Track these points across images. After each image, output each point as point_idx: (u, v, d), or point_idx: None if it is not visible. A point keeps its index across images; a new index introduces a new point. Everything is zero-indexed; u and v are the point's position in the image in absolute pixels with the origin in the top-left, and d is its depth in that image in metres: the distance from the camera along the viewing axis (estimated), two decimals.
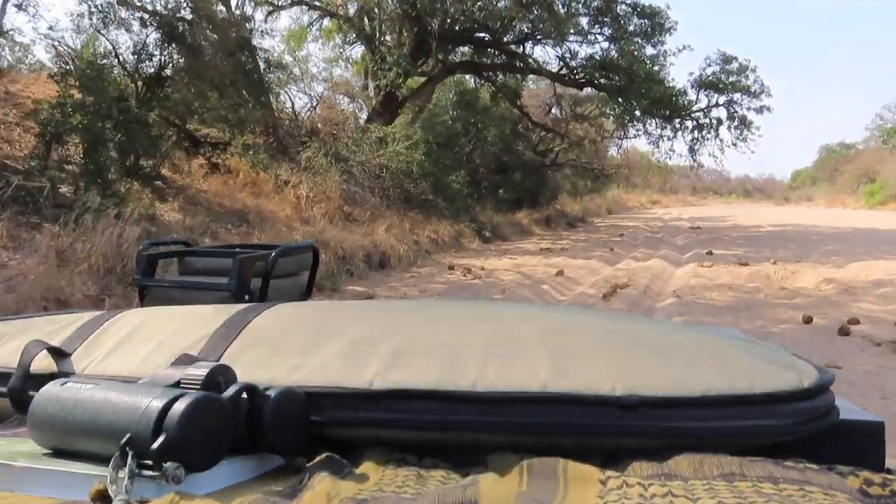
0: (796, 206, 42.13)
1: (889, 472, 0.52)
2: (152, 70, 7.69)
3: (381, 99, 14.43)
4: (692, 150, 15.31)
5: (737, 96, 14.92)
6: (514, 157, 19.07)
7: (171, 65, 7.57)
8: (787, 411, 0.54)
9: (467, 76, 19.56)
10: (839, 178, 43.35)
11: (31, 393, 0.57)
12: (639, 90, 13.90)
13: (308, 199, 9.31)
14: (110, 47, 7.29)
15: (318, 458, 0.54)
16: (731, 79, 14.77)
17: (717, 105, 15.02)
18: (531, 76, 20.41)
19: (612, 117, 18.93)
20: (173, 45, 7.26)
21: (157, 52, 7.48)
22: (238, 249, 1.21)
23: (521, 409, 0.54)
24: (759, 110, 14.81)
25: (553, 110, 21.08)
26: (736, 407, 0.54)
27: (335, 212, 9.46)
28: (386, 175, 11.03)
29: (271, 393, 0.53)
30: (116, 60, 7.38)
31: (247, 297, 1.05)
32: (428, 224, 11.62)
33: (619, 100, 14.38)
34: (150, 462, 0.46)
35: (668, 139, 15.30)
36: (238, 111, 7.92)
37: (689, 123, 15.12)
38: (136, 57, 7.54)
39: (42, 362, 0.67)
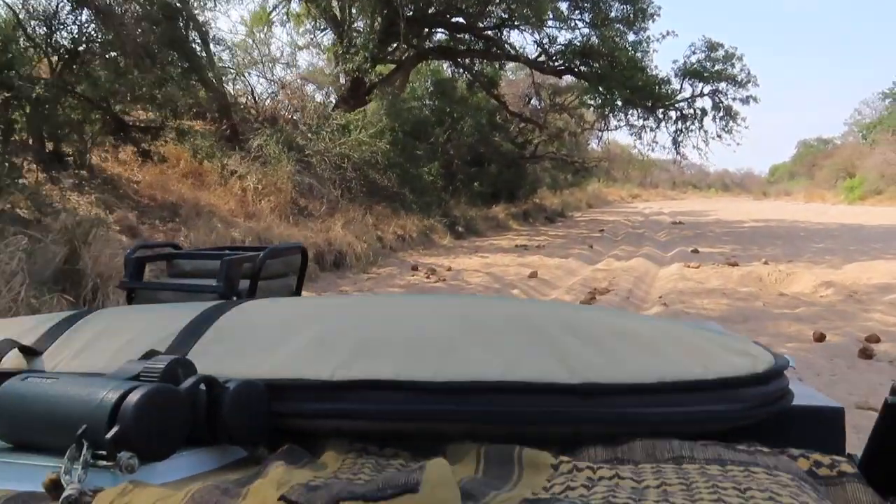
0: (775, 201, 41.95)
1: (849, 456, 0.52)
2: (68, 43, 6.63)
3: (349, 85, 13.45)
4: (676, 142, 14.49)
5: (722, 86, 14.10)
6: (490, 148, 18.16)
7: (85, 36, 6.52)
8: (740, 396, 0.55)
9: (444, 65, 18.65)
10: (818, 172, 43.10)
11: None
12: (620, 78, 13.03)
13: (256, 192, 8.32)
14: (12, 14, 6.23)
15: (280, 450, 0.54)
16: (716, 67, 13.93)
17: (701, 95, 14.20)
18: (509, 65, 19.53)
19: (592, 108, 18.09)
20: (84, 10, 6.21)
21: (70, 21, 6.42)
22: (227, 251, 1.20)
23: (481, 399, 0.54)
24: (746, 100, 14.00)
25: (532, 101, 20.20)
26: (690, 393, 0.54)
27: (286, 206, 8.48)
28: (348, 165, 10.05)
29: (230, 385, 0.53)
30: (22, 31, 6.32)
31: (235, 299, 1.01)
32: (396, 219, 10.69)
33: (600, 88, 13.50)
34: (104, 452, 0.45)
35: (651, 130, 14.46)
36: (164, 87, 6.88)
37: (673, 114, 14.29)
38: (47, 27, 6.48)
39: (14, 361, 0.68)
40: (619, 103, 13.60)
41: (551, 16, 13.67)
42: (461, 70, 17.49)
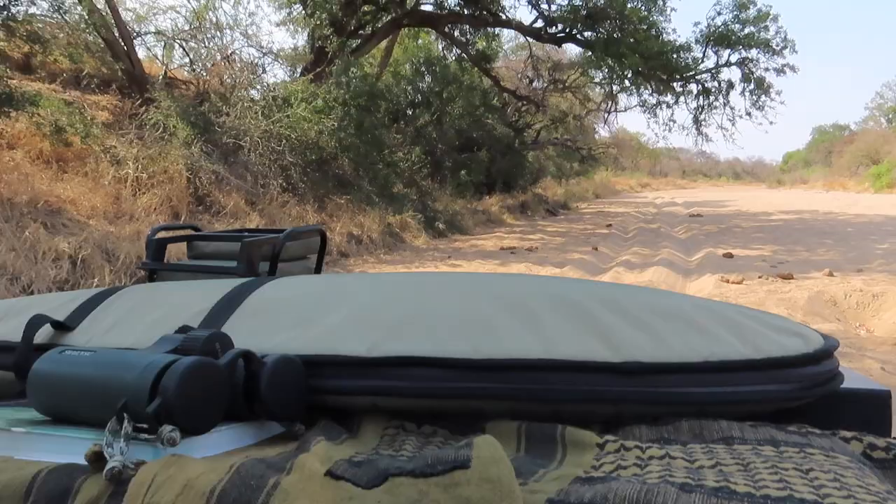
0: (791, 190, 39.33)
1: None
2: None
3: (313, 59, 11.16)
4: (697, 121, 11.98)
5: (753, 53, 11.60)
6: (483, 132, 15.79)
7: None
8: (791, 376, 0.53)
9: (434, 40, 16.28)
10: (838, 159, 40.23)
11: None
12: (630, 45, 10.61)
13: (138, 183, 6.03)
14: None
15: (317, 425, 0.53)
16: (746, 30, 11.43)
17: (728, 64, 11.67)
18: (508, 44, 17.14)
19: (598, 85, 15.64)
20: None
21: None
22: (246, 233, 1.20)
23: (521, 376, 0.52)
24: (781, 70, 11.49)
25: (533, 83, 17.76)
26: (738, 372, 0.52)
27: (182, 200, 6.18)
28: (284, 149, 7.73)
29: (268, 360, 0.52)
30: None
31: None
32: (358, 215, 8.40)
33: (607, 59, 11.05)
34: (145, 425, 0.45)
35: (668, 107, 11.97)
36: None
37: (694, 87, 11.80)
38: None
39: (47, 336, 0.67)
40: (630, 75, 11.12)
41: None
42: (451, 44, 15.12)
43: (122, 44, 7.79)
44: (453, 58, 15.57)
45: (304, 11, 10.74)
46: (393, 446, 0.50)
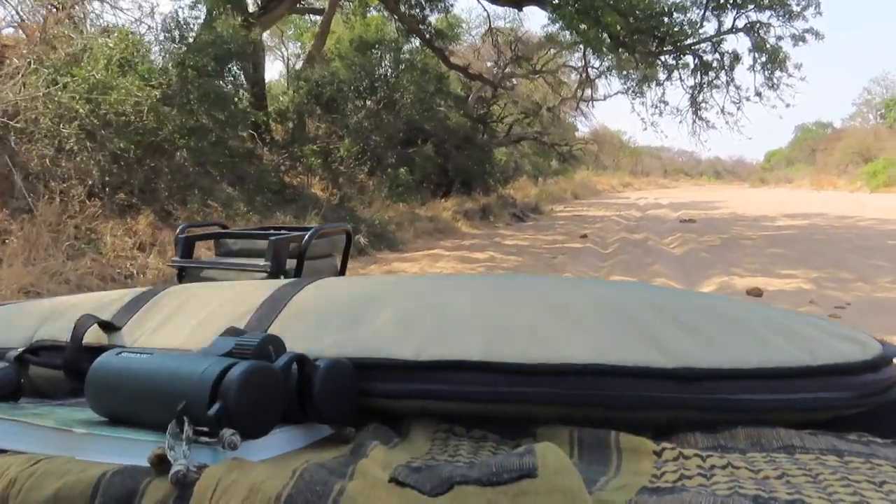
0: (777, 189, 36.92)
1: None
2: None
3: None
4: (694, 102, 9.15)
5: (765, 16, 8.80)
6: (437, 123, 12.94)
7: None
8: (850, 384, 0.51)
9: (387, 16, 13.45)
10: (826, 157, 37.82)
11: (85, 365, 0.55)
12: (608, 6, 7.83)
13: None
14: None
15: (367, 428, 0.52)
16: None
17: (733, 30, 8.88)
18: (473, 24, 14.33)
19: (573, 71, 12.87)
20: None
21: None
22: (272, 231, 1.18)
23: (573, 382, 0.50)
24: (801, 38, 8.71)
25: (499, 65, 14.91)
26: (795, 379, 0.50)
27: None
28: (70, 131, 4.81)
29: (321, 363, 0.51)
30: None
31: (282, 278, 1.00)
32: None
33: (578, 20, 8.22)
34: (206, 429, 0.44)
35: (658, 84, 9.11)
36: None
37: (690, 60, 8.98)
38: None
39: (94, 336, 0.66)
40: (608, 40, 8.28)
41: None
42: (397, 19, 12.30)
43: None
44: (399, 34, 12.72)
45: None
46: (447, 451, 0.49)
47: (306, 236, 1.09)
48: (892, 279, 5.72)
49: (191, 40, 5.78)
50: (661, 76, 9.13)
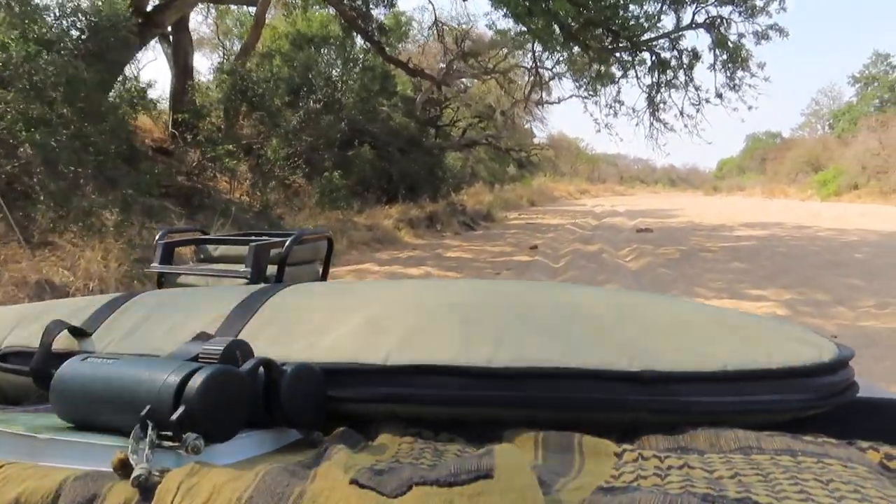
0: (730, 197, 37.13)
1: None
2: None
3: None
4: (651, 102, 8.35)
5: (726, 11, 8.05)
6: (381, 125, 11.92)
7: None
8: (807, 386, 0.51)
9: (333, 13, 12.39)
10: (776, 166, 38.17)
11: (52, 371, 0.54)
12: None
13: None
14: None
15: (335, 433, 0.52)
16: None
17: (692, 26, 8.12)
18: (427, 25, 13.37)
19: (525, 71, 12.03)
20: None
21: None
22: (253, 236, 1.17)
23: (538, 385, 0.51)
24: (764, 35, 8.00)
25: (447, 62, 13.98)
26: (754, 382, 0.51)
27: None
28: None
29: (288, 368, 0.51)
30: None
31: (262, 284, 0.96)
32: (75, 246, 4.43)
33: (525, 13, 7.32)
34: (170, 433, 0.44)
35: (612, 82, 8.28)
36: None
37: (647, 57, 8.18)
38: None
39: (64, 342, 0.65)
40: (558, 32, 7.40)
41: None
42: (339, 16, 11.27)
43: None
44: (342, 29, 11.70)
45: None
46: (412, 454, 0.49)
47: (287, 242, 1.05)
48: (875, 302, 4.96)
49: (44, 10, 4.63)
50: (617, 73, 8.30)
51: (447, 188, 15.53)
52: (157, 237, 1.15)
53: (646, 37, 7.92)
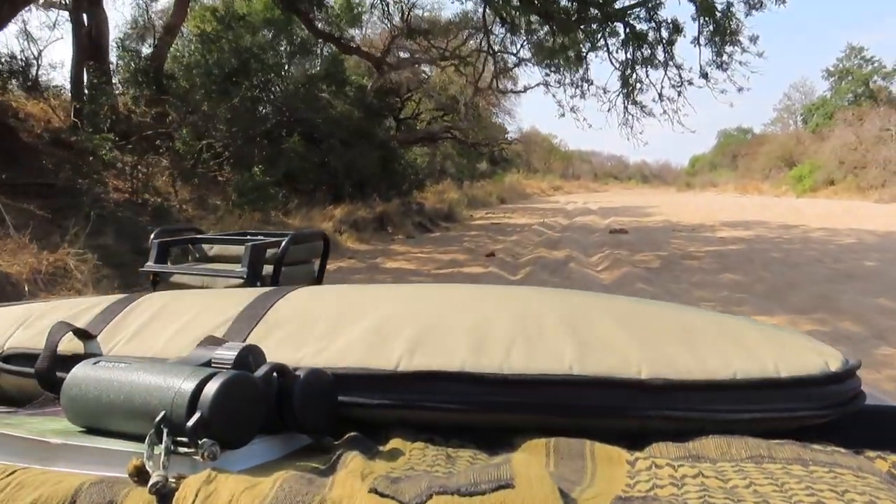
0: (703, 193, 36.28)
1: None
2: None
3: None
4: (625, 83, 6.98)
5: None
6: (323, 114, 10.41)
7: None
8: (815, 395, 0.51)
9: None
10: (749, 162, 37.42)
11: (58, 373, 0.54)
12: None
13: None
14: None
15: (345, 438, 0.52)
16: None
17: None
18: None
19: (486, 56, 10.63)
20: None
21: None
22: (249, 236, 1.15)
23: (549, 391, 0.51)
24: (757, 3, 6.69)
25: (390, 37, 12.51)
26: (764, 391, 0.51)
27: None
28: None
29: (301, 373, 0.50)
30: None
31: (259, 284, 0.98)
32: None
33: None
34: (185, 439, 0.43)
35: (579, 58, 6.89)
36: None
37: (621, 29, 6.81)
38: None
39: (68, 344, 0.64)
40: (516, 11, 5.97)
41: None
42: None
43: None
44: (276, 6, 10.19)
45: None
46: (425, 461, 0.48)
47: (283, 242, 1.04)
48: (881, 315, 3.65)
49: None
50: (584, 47, 6.91)
51: (408, 185, 14.09)
52: (151, 236, 1.09)
53: (618, 5, 6.56)
